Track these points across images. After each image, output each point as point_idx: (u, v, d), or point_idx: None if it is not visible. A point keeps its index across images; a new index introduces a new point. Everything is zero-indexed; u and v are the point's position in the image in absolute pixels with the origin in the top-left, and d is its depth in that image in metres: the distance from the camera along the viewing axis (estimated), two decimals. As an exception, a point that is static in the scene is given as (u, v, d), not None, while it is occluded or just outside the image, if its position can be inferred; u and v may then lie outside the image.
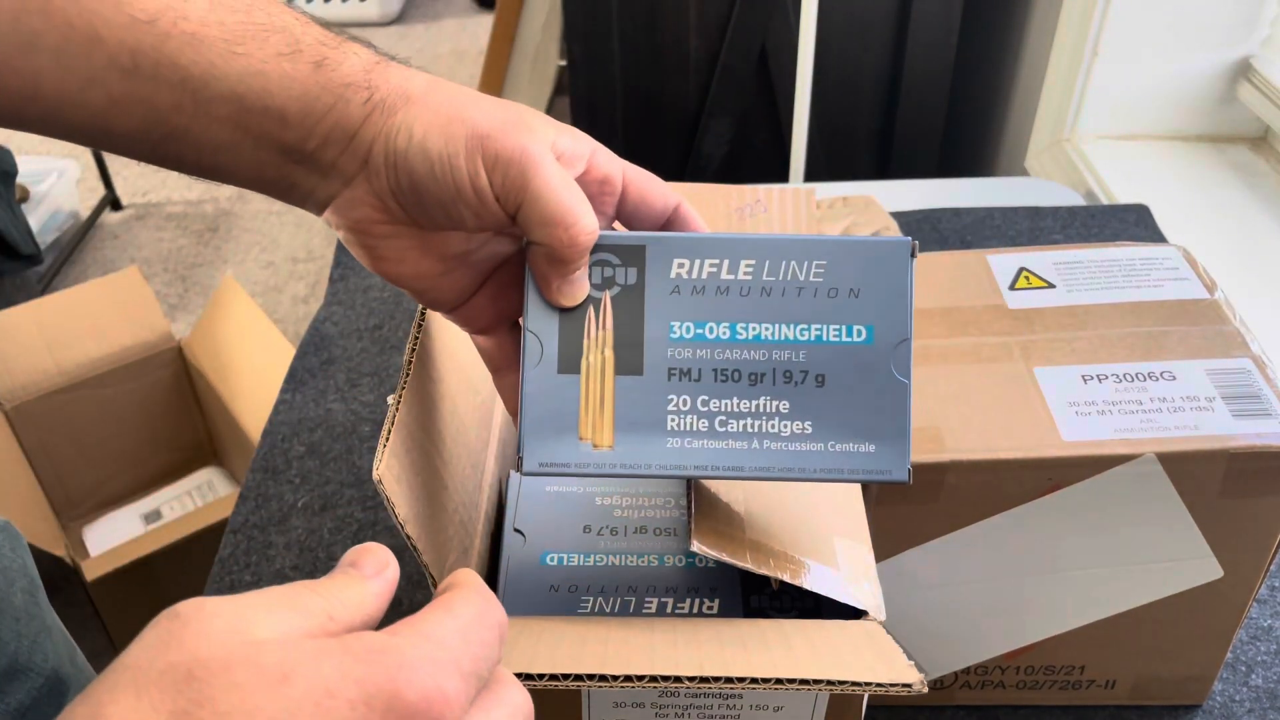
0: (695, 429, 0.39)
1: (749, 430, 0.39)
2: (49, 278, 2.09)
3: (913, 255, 0.39)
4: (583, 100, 1.53)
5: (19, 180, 2.04)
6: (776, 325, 0.39)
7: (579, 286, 0.39)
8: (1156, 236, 0.98)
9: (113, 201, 2.40)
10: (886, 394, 0.39)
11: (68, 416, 1.35)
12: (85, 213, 2.31)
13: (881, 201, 1.01)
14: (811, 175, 1.45)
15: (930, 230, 1.00)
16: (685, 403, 0.39)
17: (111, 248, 2.29)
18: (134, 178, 2.54)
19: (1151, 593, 0.52)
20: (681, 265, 0.39)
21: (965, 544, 0.51)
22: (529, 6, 1.92)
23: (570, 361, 0.39)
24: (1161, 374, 0.51)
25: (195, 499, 1.45)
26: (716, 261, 0.39)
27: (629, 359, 0.39)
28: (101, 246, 2.30)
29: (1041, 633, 0.55)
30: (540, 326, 0.39)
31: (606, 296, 0.39)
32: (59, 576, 1.33)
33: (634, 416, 0.39)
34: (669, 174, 0.61)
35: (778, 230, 0.60)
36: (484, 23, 3.03)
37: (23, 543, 0.58)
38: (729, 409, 0.39)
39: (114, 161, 2.55)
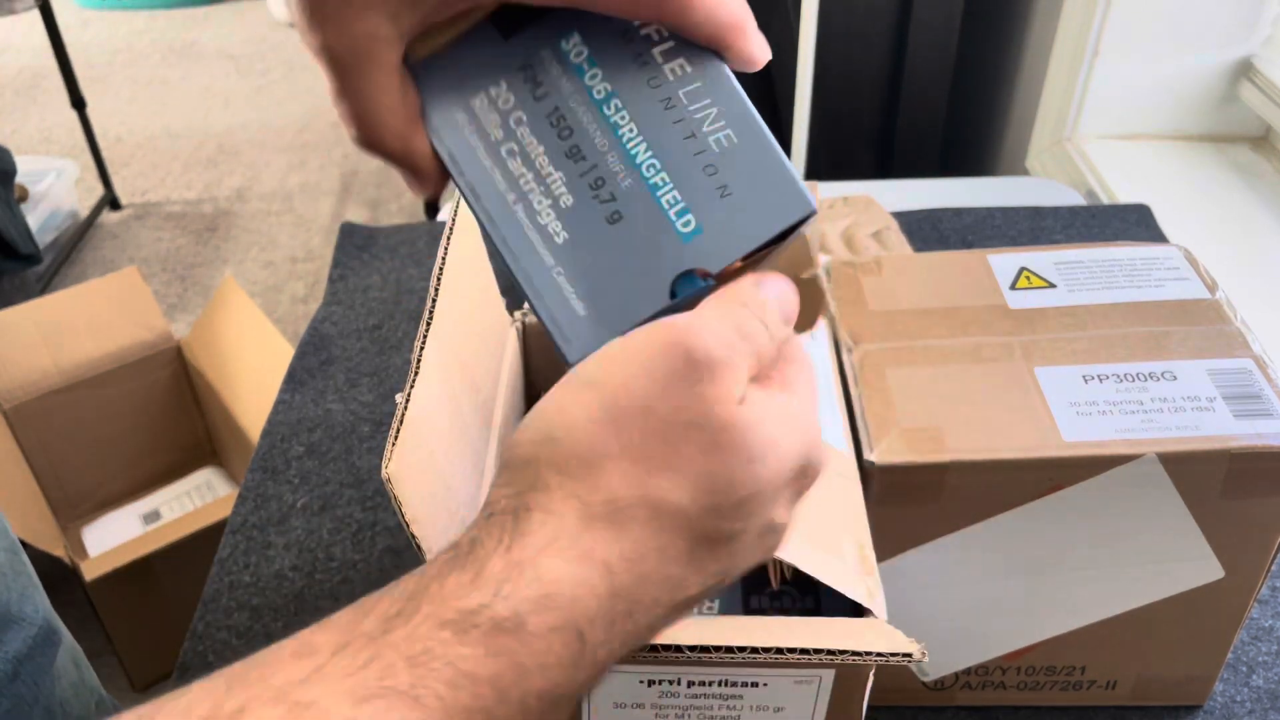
0: (486, 128, 0.34)
1: (521, 182, 0.34)
2: (48, 278, 2.09)
3: (803, 221, 0.33)
4: (582, 100, 1.53)
5: (18, 180, 2.04)
6: (642, 133, 0.33)
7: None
8: (1157, 236, 0.98)
9: (111, 201, 2.40)
10: (647, 290, 0.33)
11: (67, 416, 1.35)
12: (84, 212, 2.31)
13: (881, 201, 1.01)
14: (811, 175, 1.45)
15: (931, 230, 1.00)
16: (505, 99, 0.34)
17: (110, 247, 2.29)
18: (133, 177, 2.54)
19: (1152, 593, 0.52)
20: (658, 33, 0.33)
21: (966, 545, 0.51)
22: (529, 6, 1.92)
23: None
24: (1162, 374, 0.51)
25: (194, 499, 1.45)
26: (680, 64, 0.33)
27: (511, 17, 0.34)
28: (100, 246, 2.30)
29: (1042, 633, 0.55)
30: None
31: None
32: (58, 576, 1.32)
33: (466, 65, 0.34)
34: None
35: None
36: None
37: None
38: (527, 147, 0.34)
39: (113, 161, 2.55)
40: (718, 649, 0.36)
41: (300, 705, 0.23)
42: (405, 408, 0.40)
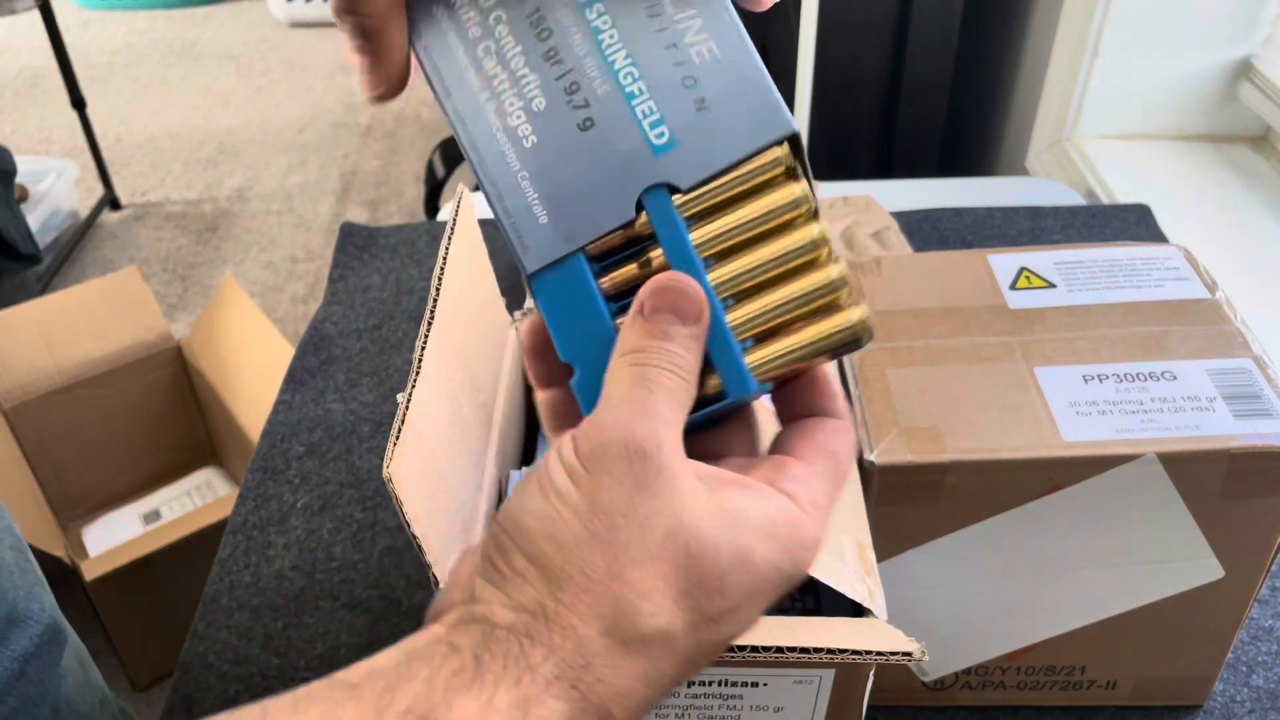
0: (466, 27, 0.33)
1: (495, 83, 0.33)
2: (48, 278, 2.09)
3: (783, 142, 0.31)
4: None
5: (18, 180, 2.04)
6: (621, 40, 0.32)
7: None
8: (1157, 236, 0.98)
9: (112, 201, 2.40)
10: (610, 198, 0.32)
11: (67, 416, 1.35)
12: (84, 212, 2.31)
13: (881, 201, 1.01)
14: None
15: (931, 230, 1.00)
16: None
17: (110, 247, 2.29)
18: (133, 177, 2.54)
19: (1152, 593, 0.52)
20: None
21: (966, 544, 0.51)
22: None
23: None
24: (1162, 374, 0.51)
25: (194, 499, 1.45)
26: None
27: None
28: (100, 246, 2.30)
29: (1042, 633, 0.55)
30: None
31: None
32: (58, 576, 1.32)
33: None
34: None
35: None
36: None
37: (3, 508, 0.59)
38: (505, 47, 0.33)
39: (113, 161, 2.55)
40: None
41: None
42: (406, 408, 0.40)
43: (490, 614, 0.27)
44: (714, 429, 0.32)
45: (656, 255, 0.32)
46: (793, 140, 0.31)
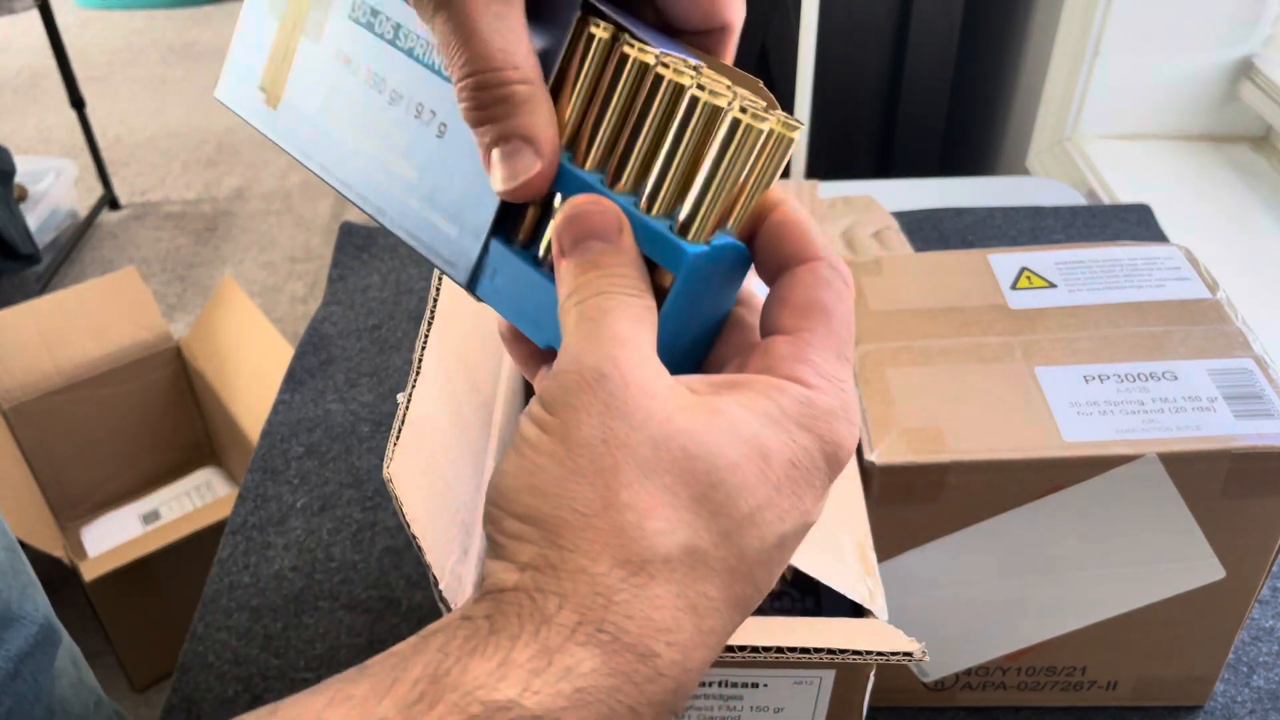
0: (336, 123, 0.35)
1: (371, 149, 0.34)
2: (47, 277, 2.09)
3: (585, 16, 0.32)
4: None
5: (17, 180, 2.04)
6: (429, 46, 0.33)
7: (508, 166, 0.29)
8: (1158, 236, 0.98)
9: (111, 201, 2.40)
10: (484, 189, 0.32)
11: (66, 416, 1.35)
12: (83, 212, 2.31)
13: (882, 201, 1.01)
14: (811, 175, 1.45)
15: (931, 230, 1.00)
16: (335, 92, 0.35)
17: (110, 247, 2.29)
18: (132, 177, 2.54)
19: (1153, 594, 0.52)
20: None
21: (966, 545, 0.51)
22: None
23: (279, 3, 0.36)
24: (1163, 374, 0.51)
25: (194, 499, 1.45)
26: None
27: (317, 21, 0.35)
28: (100, 246, 2.30)
29: (1043, 634, 0.55)
30: None
31: None
32: (57, 577, 1.32)
33: (301, 85, 0.35)
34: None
35: None
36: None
37: None
38: (362, 119, 0.34)
39: (112, 161, 2.55)
40: None
41: None
42: (406, 408, 0.40)
43: (498, 582, 0.25)
44: (719, 343, 0.30)
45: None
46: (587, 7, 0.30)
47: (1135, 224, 0.99)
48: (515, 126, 0.29)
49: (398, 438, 0.38)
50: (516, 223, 0.32)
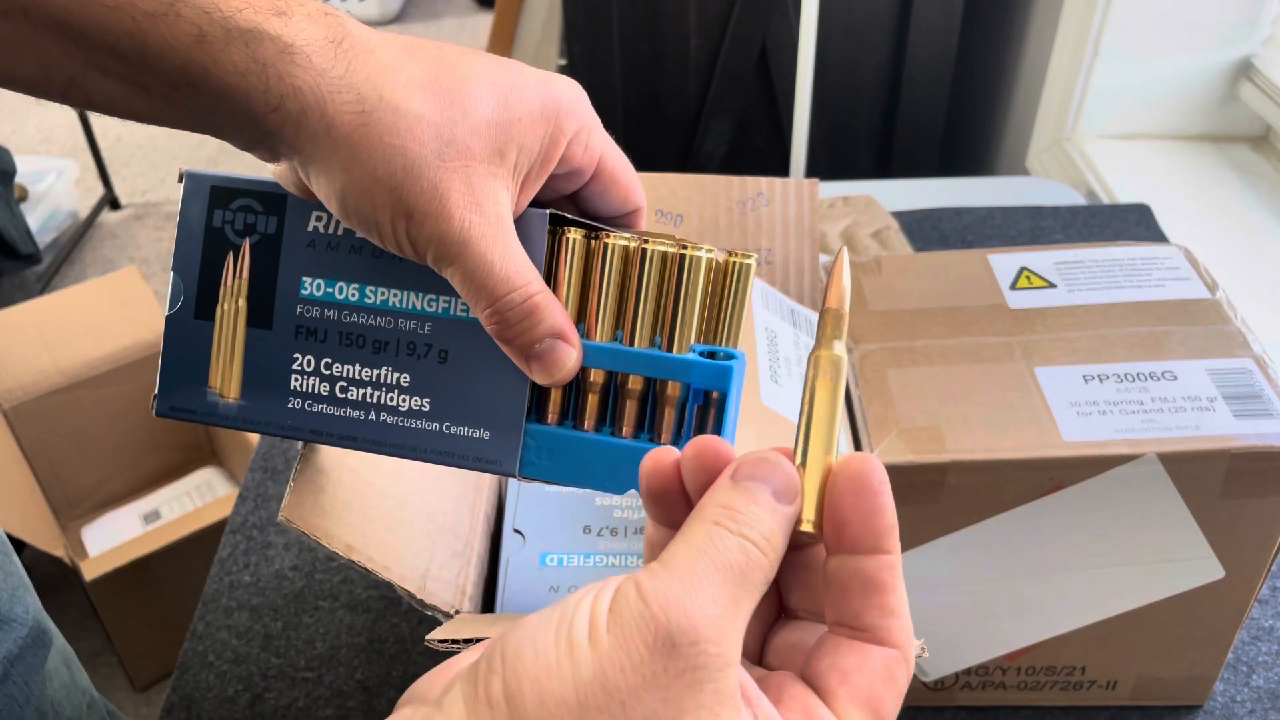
0: (316, 392, 0.38)
1: (368, 400, 0.37)
2: (48, 277, 2.09)
3: (551, 229, 0.36)
4: (582, 100, 1.53)
5: (18, 180, 2.04)
6: (406, 293, 0.37)
7: (549, 360, 0.35)
8: (1158, 236, 0.98)
9: (111, 201, 2.40)
10: (508, 380, 0.36)
11: (67, 416, 1.35)
12: (84, 212, 2.31)
13: (881, 201, 1.01)
14: (811, 175, 1.44)
15: (931, 230, 1.00)
16: (309, 363, 0.38)
17: (110, 247, 2.29)
18: (133, 177, 2.54)
19: (1153, 593, 0.52)
20: (319, 219, 0.38)
21: (966, 545, 0.51)
22: (529, 6, 1.92)
23: (206, 308, 0.38)
24: (1163, 374, 0.51)
25: (194, 499, 1.45)
26: None
27: (261, 310, 0.38)
28: (100, 246, 2.30)
29: (1042, 633, 0.55)
30: (184, 268, 0.38)
31: (246, 244, 0.38)
32: (57, 577, 1.32)
33: (261, 371, 0.38)
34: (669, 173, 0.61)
35: (779, 224, 0.60)
36: (484, 22, 3.03)
37: None
38: (350, 375, 0.38)
39: (113, 161, 2.55)
40: None
41: None
42: (302, 447, 0.41)
43: None
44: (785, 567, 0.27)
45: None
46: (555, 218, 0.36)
47: (1135, 224, 1.00)
48: (546, 329, 0.34)
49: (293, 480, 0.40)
50: (544, 405, 0.36)
